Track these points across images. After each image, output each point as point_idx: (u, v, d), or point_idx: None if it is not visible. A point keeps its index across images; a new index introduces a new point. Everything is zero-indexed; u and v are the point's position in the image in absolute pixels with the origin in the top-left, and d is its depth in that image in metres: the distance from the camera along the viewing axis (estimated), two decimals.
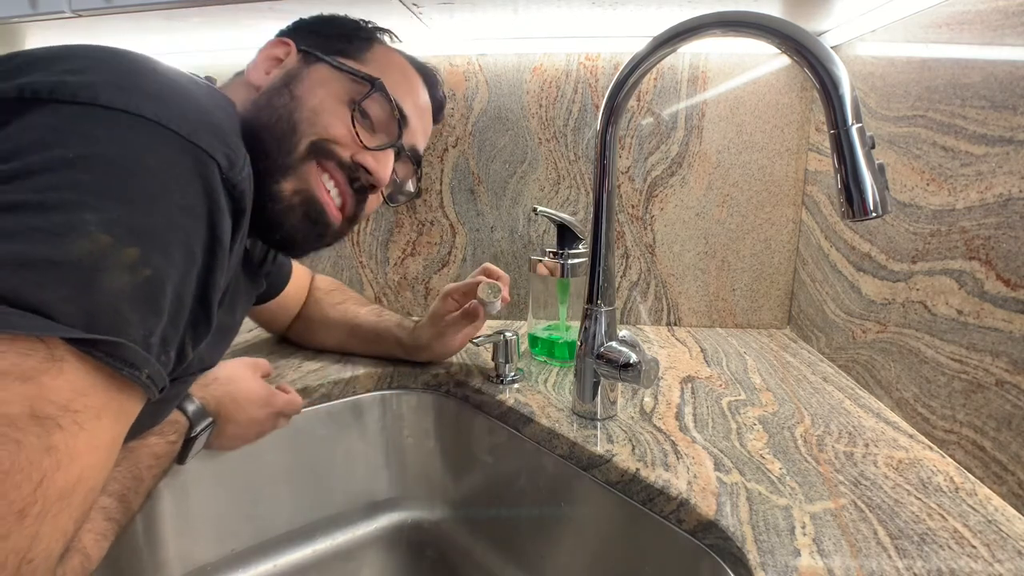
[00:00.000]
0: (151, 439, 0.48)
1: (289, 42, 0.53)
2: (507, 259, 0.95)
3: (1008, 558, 0.39)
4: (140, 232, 0.32)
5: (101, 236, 0.30)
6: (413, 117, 0.55)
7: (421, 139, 0.58)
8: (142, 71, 0.37)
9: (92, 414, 0.30)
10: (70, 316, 0.29)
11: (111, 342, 0.30)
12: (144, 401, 0.34)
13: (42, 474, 0.27)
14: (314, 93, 0.49)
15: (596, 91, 0.88)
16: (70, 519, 0.29)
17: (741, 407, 0.62)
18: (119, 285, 0.31)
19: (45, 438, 0.27)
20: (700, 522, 0.44)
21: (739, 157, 0.88)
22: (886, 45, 0.66)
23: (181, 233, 0.34)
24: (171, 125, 0.34)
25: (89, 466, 0.30)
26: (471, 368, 0.72)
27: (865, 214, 0.38)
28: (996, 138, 0.48)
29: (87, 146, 0.32)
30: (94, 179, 0.31)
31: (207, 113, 0.38)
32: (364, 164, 0.50)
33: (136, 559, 0.56)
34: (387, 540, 0.72)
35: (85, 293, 0.29)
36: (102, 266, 0.30)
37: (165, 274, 0.33)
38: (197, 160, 0.35)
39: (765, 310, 0.92)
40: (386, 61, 0.55)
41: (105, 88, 0.34)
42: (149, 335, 0.32)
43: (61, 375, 0.28)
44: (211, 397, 0.53)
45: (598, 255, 0.57)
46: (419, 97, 0.57)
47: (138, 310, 0.31)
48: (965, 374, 0.51)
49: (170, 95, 0.36)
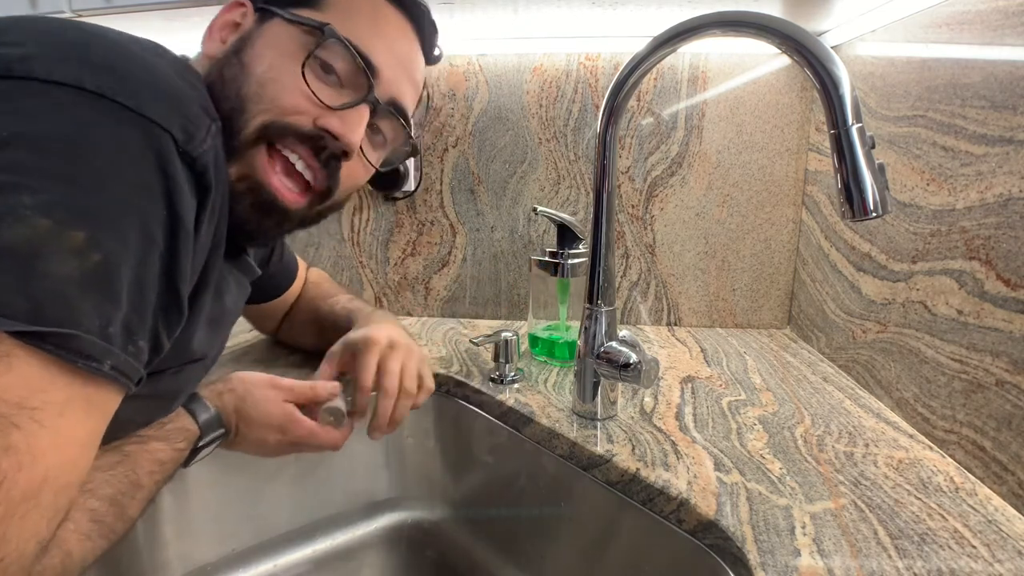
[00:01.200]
0: (154, 445, 0.45)
1: (245, 2, 0.48)
2: (507, 259, 0.95)
3: (1008, 558, 0.39)
4: (86, 214, 0.30)
5: (40, 220, 0.28)
6: (387, 65, 0.48)
7: (406, 88, 0.50)
8: (88, 42, 0.34)
9: (54, 411, 0.28)
10: (12, 308, 0.27)
11: (62, 334, 0.28)
12: (120, 395, 0.33)
13: (2, 475, 0.26)
14: (263, 57, 0.44)
15: (596, 91, 0.88)
16: (41, 519, 0.28)
17: (741, 407, 0.62)
18: (65, 272, 0.28)
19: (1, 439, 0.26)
20: (700, 522, 0.44)
21: (739, 157, 0.88)
22: (886, 45, 0.66)
23: (134, 213, 0.32)
24: (117, 97, 0.32)
25: (56, 465, 0.28)
26: (471, 368, 0.72)
27: (865, 214, 0.38)
28: (996, 138, 0.48)
29: (23, 124, 0.30)
30: (31, 159, 0.29)
31: (162, 82, 0.35)
32: (328, 128, 0.45)
33: (136, 559, 0.56)
34: (387, 540, 0.72)
35: (26, 282, 0.27)
36: (43, 252, 0.28)
37: (119, 258, 0.31)
38: (148, 133, 0.33)
39: (765, 310, 0.92)
40: (351, 2, 0.48)
41: (43, 61, 0.31)
42: (106, 324, 0.30)
43: (10, 371, 0.27)
44: (224, 407, 0.50)
45: (598, 255, 0.57)
46: (396, 40, 0.49)
47: (89, 298, 0.29)
48: (965, 374, 0.51)
49: (119, 65, 0.33)
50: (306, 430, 0.52)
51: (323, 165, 0.46)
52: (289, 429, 0.52)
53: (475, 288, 0.97)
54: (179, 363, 0.45)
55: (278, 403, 0.52)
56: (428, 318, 0.97)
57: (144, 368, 0.34)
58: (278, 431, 0.51)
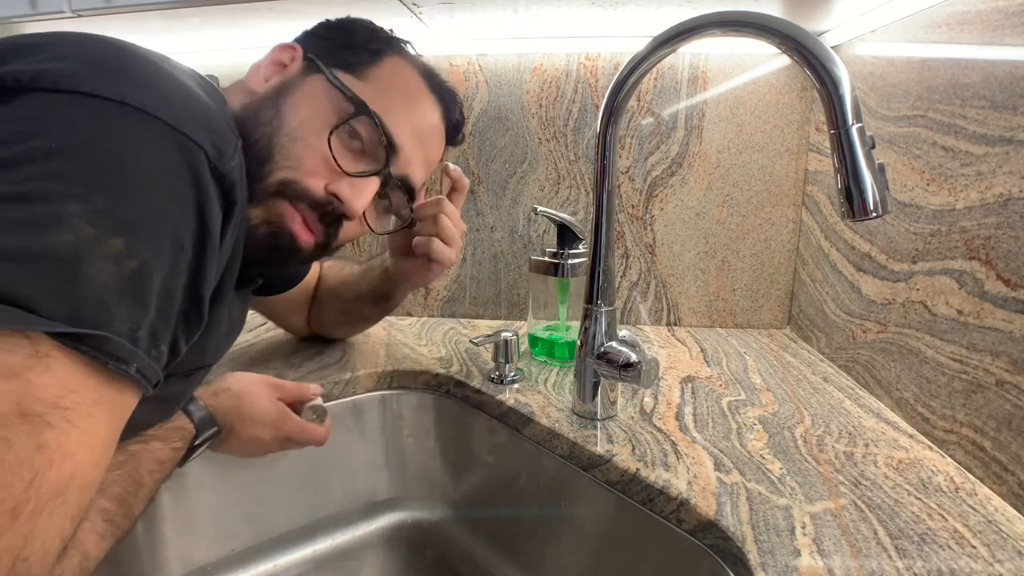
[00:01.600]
0: (154, 444, 0.47)
1: (296, 47, 0.51)
2: (507, 259, 0.95)
3: (1008, 558, 0.39)
4: (125, 223, 0.31)
5: (85, 227, 0.29)
6: (408, 145, 0.51)
7: (418, 168, 0.54)
8: (128, 58, 0.36)
9: (83, 411, 0.29)
10: (54, 310, 0.28)
11: (97, 336, 0.29)
12: (138, 397, 0.34)
13: (34, 472, 0.27)
14: (298, 111, 0.47)
15: (596, 91, 0.88)
16: (66, 517, 0.29)
17: (741, 407, 0.62)
18: (104, 277, 0.30)
19: (35, 436, 0.27)
20: (700, 522, 0.44)
21: (739, 157, 0.88)
22: (886, 45, 0.66)
23: (168, 224, 0.33)
24: (157, 113, 0.33)
25: (83, 463, 0.29)
26: (471, 368, 0.72)
27: (865, 214, 0.38)
28: (996, 138, 0.48)
29: (70, 135, 0.31)
30: (77, 169, 0.31)
31: (194, 101, 0.37)
32: (338, 193, 0.48)
33: (136, 559, 0.56)
34: (387, 540, 0.72)
35: (69, 286, 0.29)
36: (86, 258, 0.29)
37: (152, 266, 0.32)
38: (184, 149, 0.34)
39: (765, 310, 0.92)
40: (391, 80, 0.51)
41: (88, 76, 0.33)
42: (136, 328, 0.31)
43: (48, 371, 0.28)
44: (219, 406, 0.52)
45: (598, 255, 0.57)
46: (422, 121, 0.53)
47: (124, 303, 0.31)
48: (965, 374, 0.51)
49: (156, 83, 0.35)
50: (297, 426, 0.56)
51: (326, 226, 0.49)
52: (282, 426, 0.55)
53: (475, 288, 0.97)
54: (190, 368, 0.46)
55: (273, 400, 0.56)
56: (428, 318, 0.97)
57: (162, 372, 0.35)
58: (272, 427, 0.55)
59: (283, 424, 0.55)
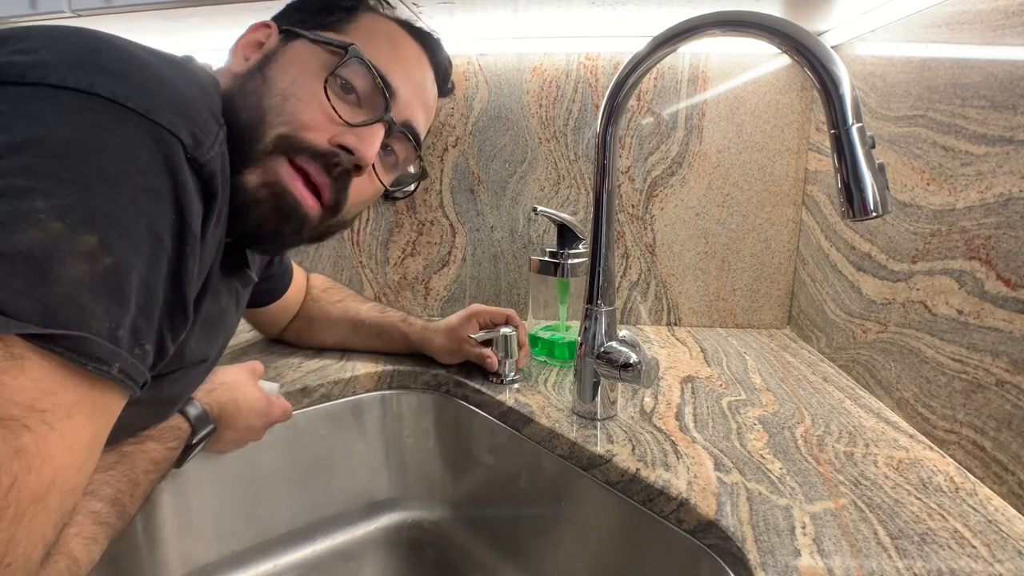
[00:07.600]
0: (149, 444, 0.46)
1: (271, 24, 0.50)
2: (507, 259, 0.95)
3: (1008, 558, 0.39)
4: (98, 218, 0.30)
5: (53, 224, 0.28)
6: (403, 87, 0.49)
7: (419, 113, 0.52)
8: (102, 48, 0.34)
9: (62, 413, 0.28)
10: (25, 311, 0.27)
11: (72, 336, 0.28)
12: (124, 398, 0.33)
13: (12, 477, 0.26)
14: (286, 72, 0.45)
15: (596, 91, 0.88)
16: (48, 522, 0.28)
17: (741, 407, 0.62)
18: (77, 275, 0.29)
19: (12, 440, 0.26)
20: (700, 522, 0.44)
21: (739, 157, 0.88)
22: (886, 45, 0.66)
23: (144, 218, 0.32)
24: (127, 103, 0.32)
25: (64, 467, 0.28)
26: (471, 368, 0.72)
27: (865, 214, 0.38)
28: (996, 138, 0.48)
29: (36, 129, 0.30)
30: (44, 163, 0.29)
31: (171, 88, 0.35)
32: (344, 144, 0.45)
33: (136, 559, 0.56)
34: (387, 540, 0.72)
35: (39, 286, 0.28)
36: (56, 256, 0.28)
37: (128, 262, 0.31)
38: (157, 139, 0.33)
39: (765, 310, 0.92)
40: (372, 29, 0.50)
41: (56, 66, 0.31)
42: (116, 328, 0.30)
43: (23, 374, 0.27)
44: (215, 403, 0.51)
45: (598, 255, 0.57)
46: (412, 65, 0.51)
47: (100, 301, 0.30)
48: (965, 374, 0.51)
49: (130, 72, 0.34)
50: (280, 408, 0.58)
51: (334, 180, 0.47)
52: (271, 411, 0.56)
53: (475, 288, 0.97)
54: (179, 367, 0.45)
55: (259, 388, 0.56)
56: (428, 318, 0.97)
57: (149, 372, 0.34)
58: (263, 415, 0.56)
59: (271, 409, 0.56)
